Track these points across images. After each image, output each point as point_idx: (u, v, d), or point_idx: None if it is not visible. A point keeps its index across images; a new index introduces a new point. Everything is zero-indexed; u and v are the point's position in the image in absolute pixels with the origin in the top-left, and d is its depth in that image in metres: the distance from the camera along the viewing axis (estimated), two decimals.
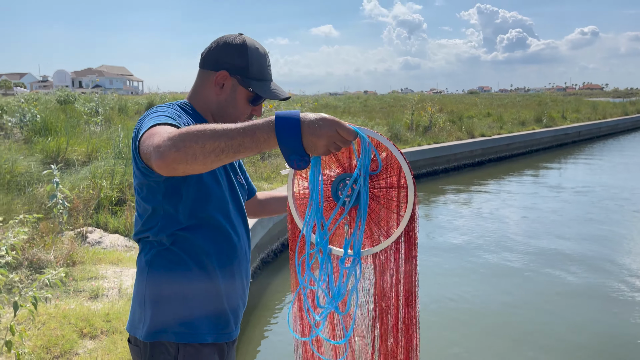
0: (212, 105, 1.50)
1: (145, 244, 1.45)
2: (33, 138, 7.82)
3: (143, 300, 1.41)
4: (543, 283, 6.13)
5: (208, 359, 1.42)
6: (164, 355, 1.38)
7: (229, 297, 1.48)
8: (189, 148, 1.06)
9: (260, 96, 1.50)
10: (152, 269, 1.42)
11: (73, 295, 3.82)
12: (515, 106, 28.65)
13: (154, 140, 1.12)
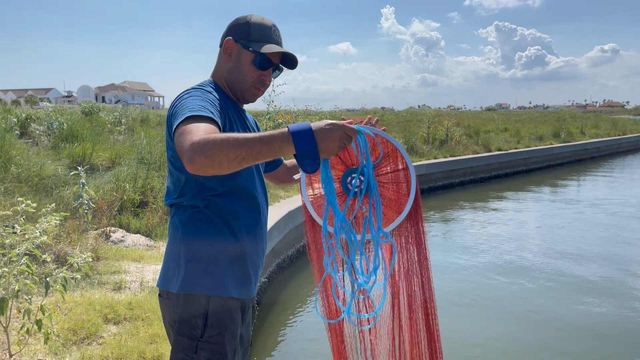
0: (225, 74, 1.67)
1: (178, 207, 1.61)
2: (60, 144, 8.11)
3: (178, 257, 1.56)
4: (562, 300, 5.94)
5: (232, 311, 1.57)
6: (195, 305, 1.52)
7: (252, 259, 1.63)
8: (215, 156, 1.23)
9: (265, 59, 1.63)
10: (186, 229, 1.57)
11: (97, 286, 3.99)
12: (533, 122, 28.52)
13: (186, 142, 1.28)
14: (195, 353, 1.50)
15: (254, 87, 1.66)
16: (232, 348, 1.56)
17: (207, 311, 1.52)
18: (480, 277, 6.67)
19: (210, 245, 1.55)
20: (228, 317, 1.55)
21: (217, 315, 1.53)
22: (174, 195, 1.61)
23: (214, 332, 1.52)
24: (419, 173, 13.74)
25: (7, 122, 9.27)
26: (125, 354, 2.94)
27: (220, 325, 1.53)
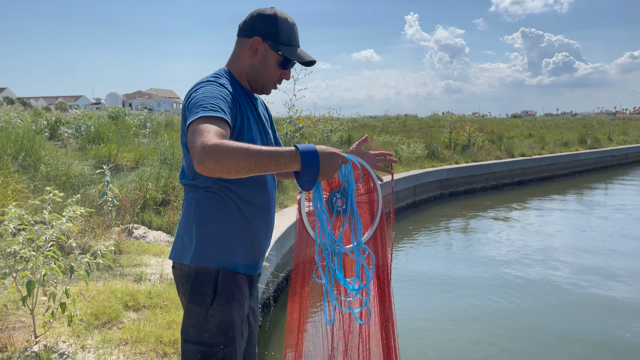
0: (247, 68, 1.75)
1: (192, 186, 1.71)
2: (87, 146, 8.39)
3: (190, 232, 1.66)
4: (588, 308, 5.80)
5: (240, 284, 1.68)
6: (205, 276, 1.63)
7: (259, 240, 1.74)
8: (225, 163, 1.36)
9: (288, 60, 1.75)
10: (199, 207, 1.67)
11: (119, 277, 4.15)
12: (559, 128, 28.08)
13: (198, 143, 1.38)
14: (205, 320, 1.61)
15: (274, 84, 1.79)
16: (240, 317, 1.67)
17: (217, 282, 1.63)
18: (501, 286, 6.48)
19: (222, 224, 1.66)
20: (236, 289, 1.66)
21: (225, 286, 1.63)
22: (189, 176, 1.71)
23: (223, 301, 1.62)
24: (440, 178, 13.70)
25: (38, 124, 9.62)
26: (144, 337, 3.06)
27: (229, 295, 1.63)
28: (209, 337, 1.61)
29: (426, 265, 7.64)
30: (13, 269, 2.91)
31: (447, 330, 5.32)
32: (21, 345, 2.87)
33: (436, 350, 4.87)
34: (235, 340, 1.65)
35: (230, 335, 1.63)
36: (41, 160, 6.58)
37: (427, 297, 6.30)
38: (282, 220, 6.98)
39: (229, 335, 1.63)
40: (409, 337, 5.16)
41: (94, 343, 2.99)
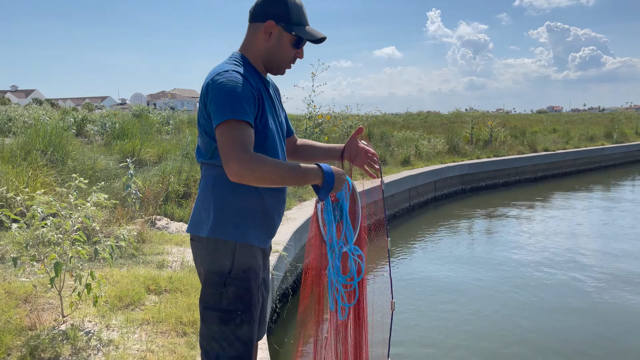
0: (262, 52, 1.83)
1: (209, 165, 1.79)
2: (112, 142, 8.64)
3: (208, 207, 1.76)
4: (611, 304, 5.70)
5: (256, 257, 1.79)
6: (223, 247, 1.73)
7: (272, 216, 1.84)
8: (260, 178, 1.60)
9: (301, 39, 1.83)
10: (217, 183, 1.76)
11: (142, 265, 4.29)
12: (585, 123, 27.54)
13: (234, 151, 1.57)
14: (224, 287, 1.71)
15: (289, 64, 1.88)
16: (256, 285, 1.77)
17: (234, 253, 1.73)
18: (523, 286, 6.37)
19: (238, 201, 1.75)
20: (252, 259, 1.77)
21: (242, 256, 1.74)
22: (206, 156, 1.79)
23: (240, 270, 1.73)
24: (462, 173, 13.62)
25: (65, 122, 9.93)
26: (165, 318, 3.18)
27: (245, 265, 1.74)
28: (227, 304, 1.71)
29: (446, 262, 7.64)
30: (41, 253, 3.06)
31: (466, 326, 5.34)
32: (50, 324, 3.03)
33: (457, 341, 4.91)
34: (252, 306, 1.75)
35: (247, 303, 1.73)
36: (68, 155, 6.81)
37: (445, 294, 6.30)
38: (302, 212, 7.09)
39: (246, 302, 1.73)
40: (431, 330, 5.21)
41: (118, 323, 3.13)
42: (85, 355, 2.74)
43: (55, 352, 2.72)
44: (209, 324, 1.73)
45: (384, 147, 13.17)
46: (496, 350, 4.65)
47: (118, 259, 4.35)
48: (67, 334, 2.91)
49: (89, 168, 6.70)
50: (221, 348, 1.71)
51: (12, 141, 7.13)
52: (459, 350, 4.65)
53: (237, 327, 1.71)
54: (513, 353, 4.59)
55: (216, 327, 1.71)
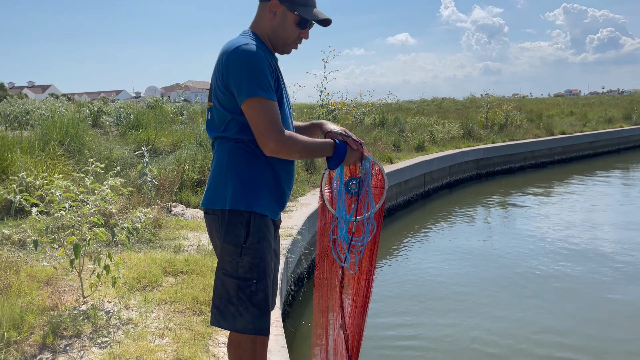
0: (268, 30, 1.89)
1: (223, 139, 1.86)
2: (127, 132, 8.74)
3: (224, 180, 1.83)
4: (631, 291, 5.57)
5: (267, 226, 1.86)
6: (239, 218, 1.80)
7: (283, 188, 1.92)
8: (292, 154, 1.80)
9: (305, 20, 1.87)
10: (231, 156, 1.83)
11: (159, 249, 4.38)
12: (603, 105, 27.05)
13: (270, 130, 1.73)
14: (239, 257, 1.80)
15: (293, 44, 1.93)
16: (270, 254, 1.86)
17: (249, 223, 1.80)
18: (545, 271, 6.32)
19: (252, 172, 1.83)
20: (265, 228, 1.84)
21: (256, 227, 1.81)
22: (220, 129, 1.85)
23: (255, 240, 1.80)
24: (477, 157, 13.51)
25: (81, 114, 10.07)
26: (181, 298, 3.25)
27: (260, 235, 1.81)
28: (243, 272, 1.80)
29: (461, 248, 7.62)
30: (61, 236, 3.14)
31: (482, 312, 5.35)
32: (71, 304, 3.11)
33: (467, 325, 4.92)
34: (267, 275, 1.83)
35: (262, 271, 1.81)
36: (85, 146, 6.92)
37: (460, 281, 6.30)
38: (315, 198, 7.13)
39: (261, 270, 1.81)
40: (447, 314, 5.23)
41: (136, 303, 3.21)
42: (105, 333, 2.82)
43: (77, 330, 2.81)
44: (227, 288, 1.82)
45: (398, 133, 13.11)
46: (516, 335, 4.65)
47: (135, 244, 4.44)
48: (87, 314, 2.99)
49: (105, 157, 6.80)
50: (237, 312, 1.80)
51: (30, 133, 7.26)
52: (475, 331, 4.66)
53: (252, 294, 1.80)
54: (534, 341, 4.58)
55: (234, 292, 1.80)
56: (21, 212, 4.58)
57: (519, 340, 4.44)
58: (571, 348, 4.30)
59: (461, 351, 4.31)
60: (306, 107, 14.34)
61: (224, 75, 1.77)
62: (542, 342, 4.40)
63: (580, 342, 4.42)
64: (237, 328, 1.81)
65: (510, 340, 4.44)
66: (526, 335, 4.52)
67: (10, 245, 3.91)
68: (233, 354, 1.87)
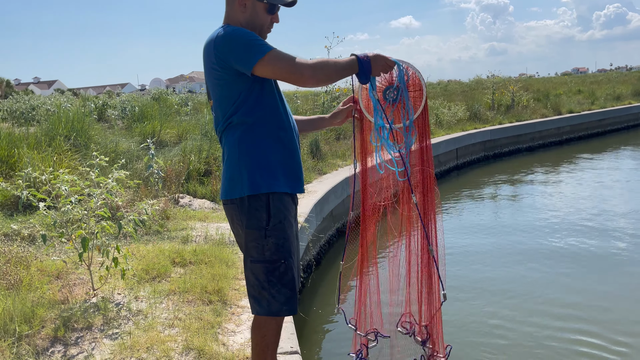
0: (242, 22, 1.94)
1: (229, 129, 1.90)
2: (132, 125, 8.76)
3: (239, 168, 1.87)
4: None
5: (287, 204, 1.92)
6: (259, 202, 1.86)
7: (296, 160, 1.97)
8: (325, 72, 1.85)
9: (274, 6, 1.94)
10: (242, 142, 1.88)
11: (167, 240, 4.40)
12: (611, 82, 26.68)
13: (291, 69, 1.79)
14: (265, 239, 1.86)
15: (267, 29, 1.99)
16: (292, 233, 1.93)
17: (269, 206, 1.86)
18: (549, 256, 6.12)
19: (263, 153, 1.88)
20: (285, 209, 1.90)
21: (276, 208, 1.87)
22: (224, 119, 1.90)
23: (276, 221, 1.87)
24: (484, 139, 13.42)
25: (86, 108, 10.10)
26: (190, 288, 3.27)
27: (280, 215, 1.88)
28: (270, 255, 1.86)
29: (470, 233, 7.60)
30: (69, 230, 3.16)
31: (489, 299, 5.34)
32: (81, 297, 3.14)
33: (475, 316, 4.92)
34: (292, 253, 1.90)
35: (288, 250, 1.88)
36: (91, 140, 6.94)
37: (470, 266, 6.29)
38: (322, 185, 7.12)
39: (286, 250, 1.88)
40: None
41: (146, 294, 3.23)
42: (116, 325, 2.84)
43: (88, 323, 2.83)
44: (257, 275, 1.87)
45: None
46: (526, 319, 4.65)
47: (143, 236, 4.47)
48: (98, 306, 3.02)
49: (111, 151, 6.82)
50: (271, 295, 1.87)
51: (37, 129, 7.29)
52: (489, 308, 4.67)
53: (282, 275, 1.87)
54: (542, 325, 4.57)
55: (264, 277, 1.86)
56: (29, 208, 4.61)
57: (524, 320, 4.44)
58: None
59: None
60: (310, 94, 14.28)
61: (220, 60, 1.82)
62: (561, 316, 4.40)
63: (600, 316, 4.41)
64: (272, 312, 1.89)
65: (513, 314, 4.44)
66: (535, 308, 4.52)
67: (20, 240, 3.94)
68: (257, 333, 1.94)
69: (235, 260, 3.87)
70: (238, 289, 3.37)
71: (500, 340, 4.16)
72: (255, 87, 1.86)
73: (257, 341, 1.93)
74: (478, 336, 4.24)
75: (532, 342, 4.11)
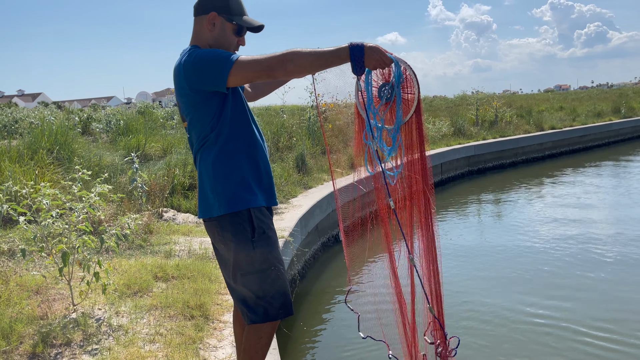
0: (210, 41, 1.99)
1: (204, 150, 1.95)
2: (117, 138, 8.71)
3: (215, 187, 1.92)
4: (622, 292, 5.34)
5: (266, 215, 1.98)
6: (241, 217, 1.90)
7: (269, 176, 2.03)
8: (297, 62, 1.77)
9: (242, 28, 2.00)
10: (216, 162, 1.93)
11: (150, 255, 4.37)
12: (592, 99, 27.23)
13: (263, 67, 1.77)
14: (253, 251, 1.91)
15: (234, 51, 2.04)
16: (276, 240, 1.99)
17: (251, 219, 1.91)
18: (541, 267, 6.18)
19: (240, 171, 1.93)
20: (265, 219, 1.96)
21: (258, 219, 1.93)
22: (199, 139, 1.95)
23: (261, 231, 1.92)
24: (467, 154, 13.57)
25: (70, 121, 10.02)
26: (172, 303, 3.25)
27: (263, 225, 1.94)
28: (260, 264, 1.91)
29: (454, 248, 7.65)
30: (49, 244, 3.13)
31: (479, 314, 5.37)
32: (61, 313, 3.10)
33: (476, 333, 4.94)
34: (280, 261, 1.96)
35: (275, 257, 1.95)
36: (74, 153, 6.88)
37: (453, 286, 6.33)
38: (307, 199, 7.14)
39: (274, 257, 1.94)
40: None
41: (127, 309, 3.20)
42: (96, 340, 2.81)
43: (67, 339, 2.80)
44: (250, 287, 1.92)
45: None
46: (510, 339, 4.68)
47: (126, 251, 4.43)
48: (77, 322, 2.98)
49: (95, 165, 6.77)
50: (267, 303, 1.92)
51: (19, 142, 7.21)
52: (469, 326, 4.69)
53: (274, 282, 1.93)
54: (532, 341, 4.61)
55: (257, 287, 1.91)
56: (9, 222, 4.55)
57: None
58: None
59: None
60: (297, 109, 14.34)
61: (191, 83, 1.87)
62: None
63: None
64: (270, 317, 1.94)
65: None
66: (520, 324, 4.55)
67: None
68: (253, 336, 1.97)
69: (218, 275, 3.85)
70: (221, 304, 3.35)
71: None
72: (227, 105, 1.91)
73: (252, 342, 1.97)
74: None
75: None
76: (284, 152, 9.35)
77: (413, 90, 2.03)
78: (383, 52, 1.84)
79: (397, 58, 1.93)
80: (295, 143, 9.78)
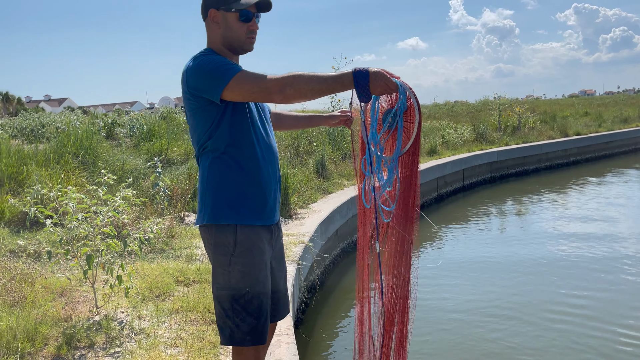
0: (221, 39, 1.92)
1: (203, 155, 1.89)
2: (140, 143, 8.84)
3: (205, 195, 1.86)
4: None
5: (259, 234, 1.85)
6: (224, 231, 1.82)
7: (264, 193, 1.88)
8: (296, 87, 1.69)
9: (244, 12, 1.88)
10: (210, 171, 1.85)
11: (171, 258, 4.41)
12: (618, 105, 26.68)
13: (267, 82, 1.70)
14: (230, 266, 1.81)
15: (248, 39, 1.93)
16: (262, 261, 1.85)
17: (236, 234, 1.81)
18: (559, 277, 6.17)
19: (228, 185, 1.84)
20: (255, 237, 1.84)
21: (244, 234, 1.82)
22: (197, 145, 1.89)
23: (243, 248, 1.81)
24: (490, 160, 13.40)
25: (95, 126, 10.21)
26: (193, 307, 3.27)
27: (248, 242, 1.82)
28: (236, 282, 1.81)
29: (477, 253, 7.56)
30: (74, 247, 3.18)
31: (495, 318, 5.29)
32: (84, 315, 3.15)
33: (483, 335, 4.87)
34: (259, 282, 1.83)
35: (254, 279, 1.82)
36: (99, 157, 7.01)
37: (477, 286, 6.25)
38: (327, 204, 7.13)
39: (252, 278, 1.81)
40: (456, 321, 5.18)
41: (149, 312, 3.23)
42: (118, 343, 2.84)
43: (90, 341, 2.83)
44: (222, 303, 1.83)
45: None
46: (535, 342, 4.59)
47: (148, 254, 4.48)
48: (101, 324, 3.02)
49: (118, 169, 6.88)
50: (234, 324, 1.80)
51: (45, 146, 7.38)
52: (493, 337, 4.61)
53: (247, 303, 1.80)
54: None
55: (228, 305, 1.81)
56: (36, 224, 4.64)
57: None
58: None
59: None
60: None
61: (192, 89, 1.82)
62: None
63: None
64: (235, 341, 1.82)
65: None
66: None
67: (25, 257, 3.97)
68: (234, 359, 1.89)
69: None
70: None
71: None
72: (226, 114, 1.83)
73: None
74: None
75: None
76: (304, 157, 9.37)
77: (414, 118, 1.96)
78: (388, 77, 1.75)
79: (402, 83, 1.87)
80: (316, 148, 9.79)
